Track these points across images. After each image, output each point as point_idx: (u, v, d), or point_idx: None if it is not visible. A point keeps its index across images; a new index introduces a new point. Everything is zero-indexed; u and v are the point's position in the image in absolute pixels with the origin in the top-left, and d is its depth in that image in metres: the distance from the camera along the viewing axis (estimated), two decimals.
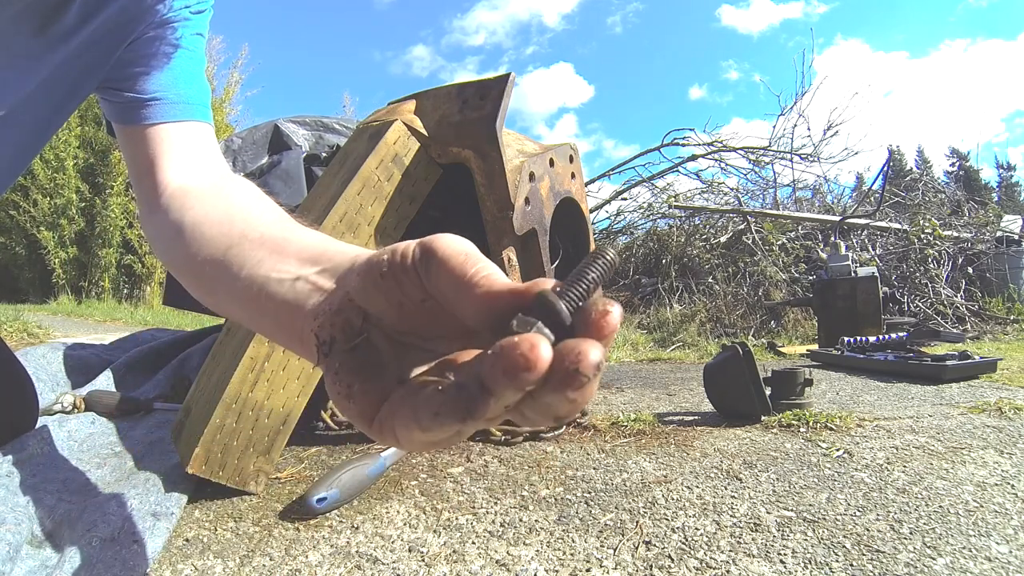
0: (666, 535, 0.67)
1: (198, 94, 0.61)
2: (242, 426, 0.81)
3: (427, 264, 0.26)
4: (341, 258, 0.33)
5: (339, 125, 2.12)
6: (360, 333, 0.29)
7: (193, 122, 0.60)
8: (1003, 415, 1.16)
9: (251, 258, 0.38)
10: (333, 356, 0.29)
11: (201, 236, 0.44)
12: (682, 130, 4.71)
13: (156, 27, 0.59)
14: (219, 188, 0.52)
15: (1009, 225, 3.84)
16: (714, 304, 3.59)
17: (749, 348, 1.19)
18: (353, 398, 0.28)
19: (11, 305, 4.46)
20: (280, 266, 0.36)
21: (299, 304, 0.33)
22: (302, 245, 0.37)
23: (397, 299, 0.28)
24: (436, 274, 0.26)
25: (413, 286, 0.27)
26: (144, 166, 0.56)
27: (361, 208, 0.93)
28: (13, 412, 0.87)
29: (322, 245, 0.36)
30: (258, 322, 0.38)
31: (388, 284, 0.27)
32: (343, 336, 0.29)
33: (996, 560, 0.58)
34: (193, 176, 0.55)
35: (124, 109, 0.59)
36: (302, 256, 0.35)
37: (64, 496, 0.72)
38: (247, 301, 0.37)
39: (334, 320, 0.29)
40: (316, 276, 0.33)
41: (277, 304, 0.34)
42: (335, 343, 0.29)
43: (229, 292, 0.40)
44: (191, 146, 0.58)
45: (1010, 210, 5.32)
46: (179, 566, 0.63)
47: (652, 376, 1.92)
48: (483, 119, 0.97)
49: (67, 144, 6.34)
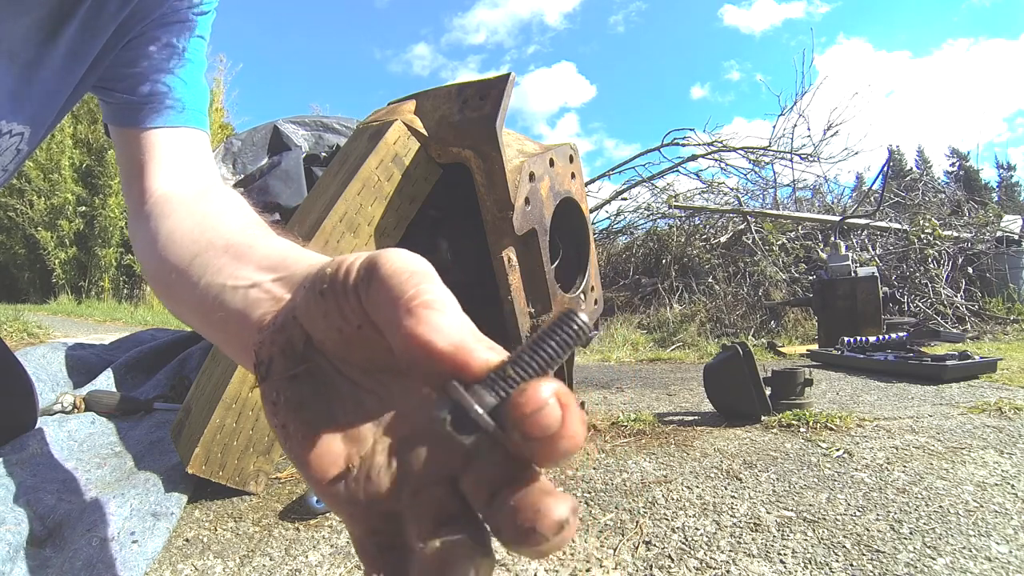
0: (666, 535, 0.67)
1: (194, 99, 0.60)
2: (242, 426, 0.81)
3: (368, 284, 0.22)
4: (299, 266, 0.30)
5: (339, 125, 2.12)
6: (302, 360, 0.25)
7: (186, 128, 0.58)
8: (1003, 415, 1.16)
9: (212, 265, 0.36)
10: (270, 382, 0.25)
11: (172, 244, 0.44)
12: (682, 130, 4.71)
13: (157, 27, 0.58)
14: (200, 197, 0.51)
15: (1009, 225, 3.84)
16: (714, 304, 3.59)
17: (749, 348, 1.19)
18: (289, 439, 0.24)
19: (11, 305, 4.46)
20: (238, 272, 0.33)
21: (248, 313, 0.30)
22: (265, 252, 0.34)
23: (336, 323, 0.24)
24: (375, 296, 0.22)
25: (352, 309, 0.23)
26: (134, 170, 0.55)
27: (361, 208, 0.93)
28: (13, 412, 0.87)
29: (285, 252, 0.33)
30: (210, 331, 0.36)
31: (328, 304, 0.24)
32: (282, 359, 0.25)
33: (996, 560, 0.58)
34: (179, 184, 0.54)
35: (118, 110, 0.58)
36: (263, 264, 0.33)
37: (64, 496, 0.72)
38: (202, 309, 0.35)
39: (275, 338, 0.26)
40: (271, 284, 0.31)
41: (228, 312, 0.32)
42: (273, 365, 0.25)
43: (189, 300, 0.38)
44: (182, 153, 0.57)
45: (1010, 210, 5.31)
46: (179, 566, 0.63)
47: (652, 376, 1.92)
48: (483, 119, 0.97)
49: (62, 144, 6.32)
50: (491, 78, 1.00)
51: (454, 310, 0.21)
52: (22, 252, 6.67)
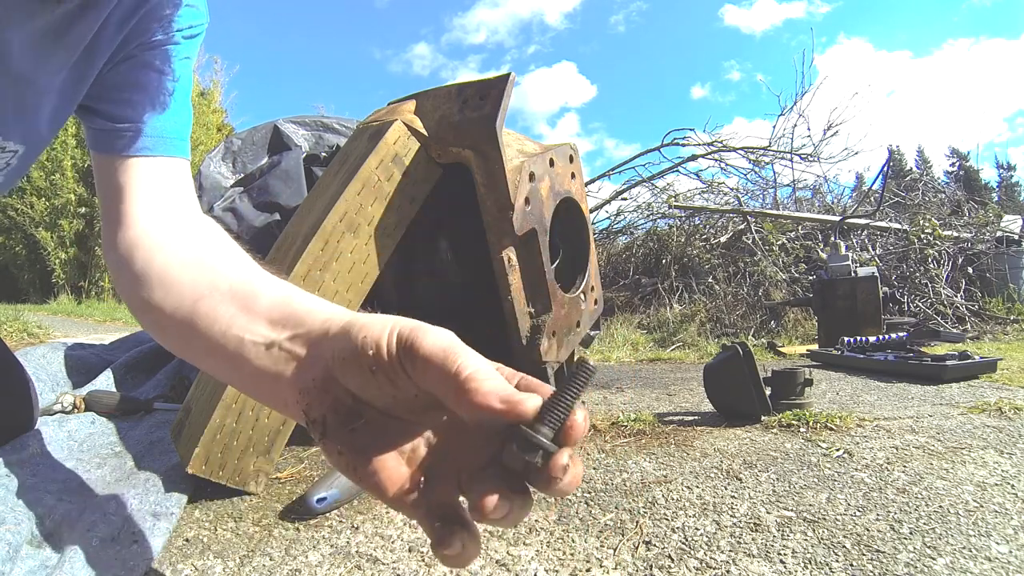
0: (666, 535, 0.67)
1: (176, 127, 0.58)
2: (242, 426, 0.81)
3: (412, 363, 0.27)
4: (311, 322, 0.34)
5: (339, 125, 2.12)
6: (356, 415, 0.29)
7: (167, 158, 0.57)
8: (1003, 415, 1.16)
9: (222, 314, 0.39)
10: (331, 438, 0.30)
11: (170, 283, 0.44)
12: (682, 130, 4.71)
13: (145, 50, 0.56)
14: (188, 233, 0.50)
15: (1009, 225, 3.84)
16: (714, 304, 3.59)
17: (749, 348, 1.19)
18: (358, 472, 0.29)
19: (11, 305, 4.46)
20: (252, 327, 0.36)
21: (278, 373, 0.34)
22: (270, 303, 0.37)
23: (389, 391, 0.29)
24: (422, 374, 0.27)
25: (405, 383, 0.28)
26: (113, 198, 0.54)
27: (361, 208, 0.93)
28: (13, 412, 0.87)
29: (287, 303, 0.37)
30: (238, 383, 0.39)
31: (380, 380, 0.28)
32: (335, 417, 0.30)
33: (996, 560, 0.58)
34: (162, 217, 0.53)
35: (99, 136, 0.56)
36: (272, 316, 0.36)
37: (64, 496, 0.72)
38: (224, 361, 0.38)
39: (322, 399, 0.30)
40: (289, 343, 0.34)
41: (255, 369, 0.35)
42: (328, 424, 0.30)
43: (204, 348, 0.40)
44: (163, 184, 0.55)
45: (1010, 210, 5.31)
46: (179, 566, 0.63)
47: (652, 376, 1.92)
48: (483, 119, 0.97)
49: (64, 145, 6.32)
50: (491, 78, 1.00)
51: (489, 371, 0.27)
52: (22, 252, 6.67)
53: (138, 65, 0.56)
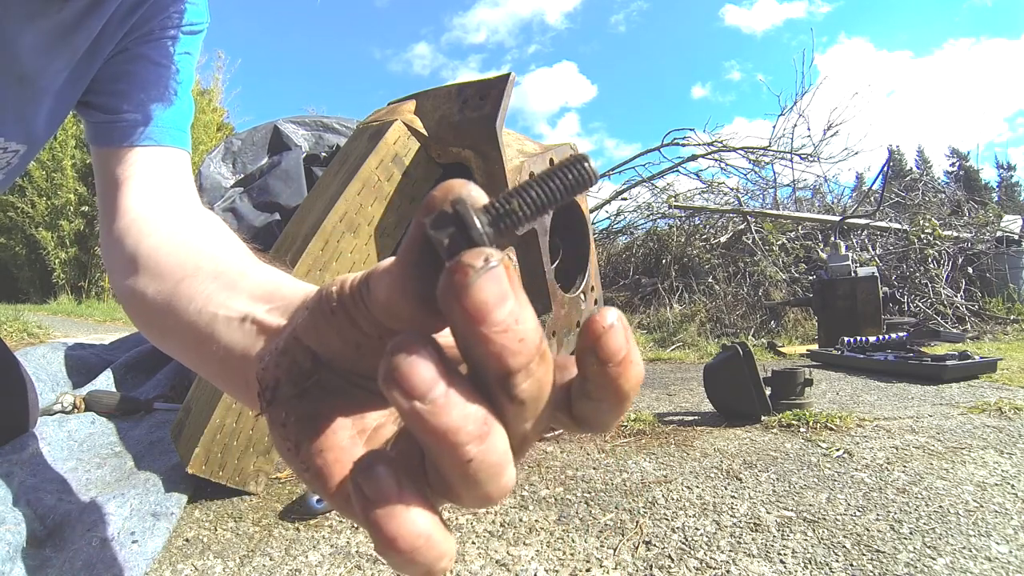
0: (666, 535, 0.67)
1: (174, 118, 0.58)
2: (242, 426, 0.81)
3: (367, 287, 0.22)
4: (294, 295, 0.30)
5: (339, 125, 2.12)
6: (309, 375, 0.24)
7: (164, 147, 0.56)
8: (1003, 415, 1.16)
9: (200, 291, 0.35)
10: (277, 404, 0.24)
11: (155, 266, 0.41)
12: (682, 130, 4.71)
13: (142, 43, 0.56)
14: (182, 218, 0.49)
15: (1009, 225, 3.84)
16: (714, 304, 3.59)
17: (749, 348, 1.19)
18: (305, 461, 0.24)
19: (11, 305, 4.46)
20: (229, 302, 0.32)
21: (246, 349, 0.30)
22: (258, 281, 0.33)
23: (353, 338, 0.23)
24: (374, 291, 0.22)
25: (367, 320, 0.23)
26: (110, 189, 0.53)
27: (361, 208, 0.93)
28: (13, 412, 0.87)
29: (277, 281, 0.33)
30: (204, 364, 0.34)
31: (340, 320, 0.23)
32: (288, 380, 0.25)
33: (996, 560, 0.58)
34: (156, 204, 0.51)
35: (98, 130, 0.56)
36: (255, 293, 0.32)
37: (64, 496, 0.72)
38: (195, 340, 0.34)
39: (279, 360, 0.25)
40: (265, 314, 0.30)
41: (223, 348, 0.31)
42: (279, 388, 0.25)
43: (176, 329, 0.36)
44: (159, 173, 0.55)
45: (1010, 210, 5.31)
46: (179, 566, 0.63)
47: (652, 376, 1.92)
48: (483, 119, 0.97)
49: (64, 144, 6.31)
50: (491, 78, 1.00)
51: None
52: (22, 252, 6.66)
53: (133, 58, 0.56)
